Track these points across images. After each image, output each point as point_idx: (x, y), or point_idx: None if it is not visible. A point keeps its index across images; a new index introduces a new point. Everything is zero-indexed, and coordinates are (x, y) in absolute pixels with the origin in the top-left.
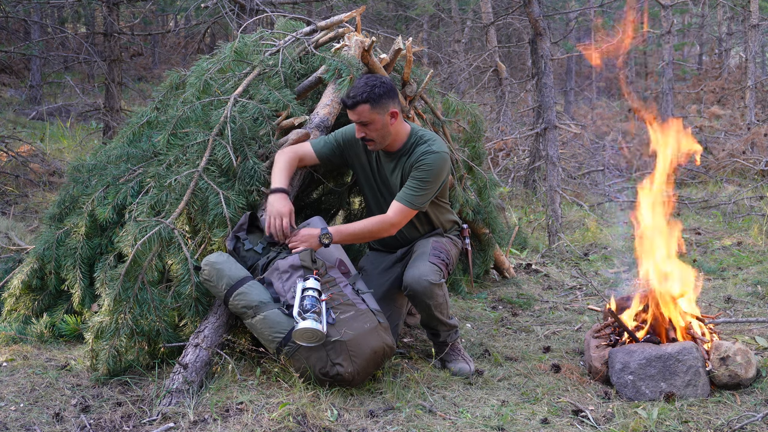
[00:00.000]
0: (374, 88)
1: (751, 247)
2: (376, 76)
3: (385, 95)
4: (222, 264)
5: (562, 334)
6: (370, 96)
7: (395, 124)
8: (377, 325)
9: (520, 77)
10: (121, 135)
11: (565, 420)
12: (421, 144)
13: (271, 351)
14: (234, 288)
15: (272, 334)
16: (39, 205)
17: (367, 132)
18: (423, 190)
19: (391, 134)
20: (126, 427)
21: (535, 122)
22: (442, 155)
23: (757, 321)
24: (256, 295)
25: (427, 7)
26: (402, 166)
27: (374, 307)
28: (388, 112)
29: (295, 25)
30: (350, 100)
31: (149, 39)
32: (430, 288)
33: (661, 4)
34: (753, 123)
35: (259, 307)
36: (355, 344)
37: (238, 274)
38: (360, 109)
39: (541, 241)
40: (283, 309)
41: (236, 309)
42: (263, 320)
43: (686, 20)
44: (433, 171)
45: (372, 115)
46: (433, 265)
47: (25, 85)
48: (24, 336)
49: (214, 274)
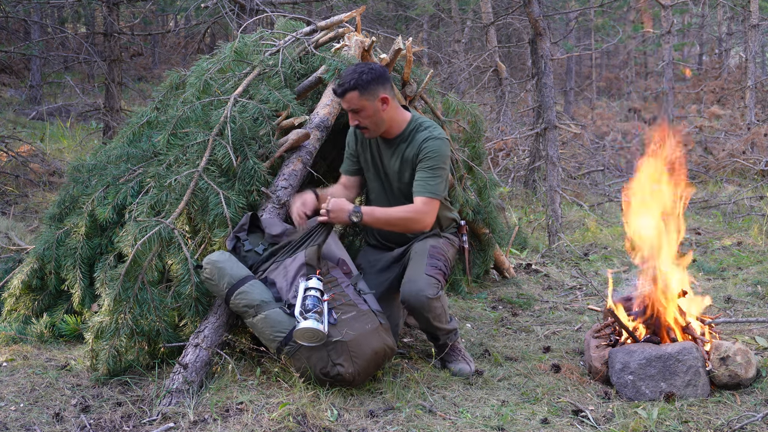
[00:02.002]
0: (362, 75)
1: (751, 247)
2: (366, 63)
3: (373, 81)
4: (223, 263)
5: (562, 334)
6: (357, 82)
7: (387, 110)
8: (378, 326)
9: (520, 77)
10: (121, 135)
11: (565, 420)
12: (420, 131)
13: (272, 350)
14: (236, 287)
15: (273, 333)
16: (39, 205)
17: (359, 119)
18: (438, 177)
19: (384, 120)
20: (126, 427)
21: (535, 122)
22: (444, 140)
23: (757, 321)
24: (257, 295)
25: (427, 7)
26: (401, 153)
27: (375, 307)
28: (378, 98)
29: (295, 25)
30: (339, 88)
31: (149, 39)
32: (428, 302)
33: (661, 4)
34: (753, 123)
35: (260, 306)
36: (356, 345)
37: (239, 273)
38: (349, 96)
39: (541, 241)
40: (284, 308)
41: (237, 308)
42: (264, 319)
43: (686, 20)
44: (441, 156)
45: (362, 102)
46: (430, 278)
47: (25, 85)
48: (24, 336)
49: (216, 272)
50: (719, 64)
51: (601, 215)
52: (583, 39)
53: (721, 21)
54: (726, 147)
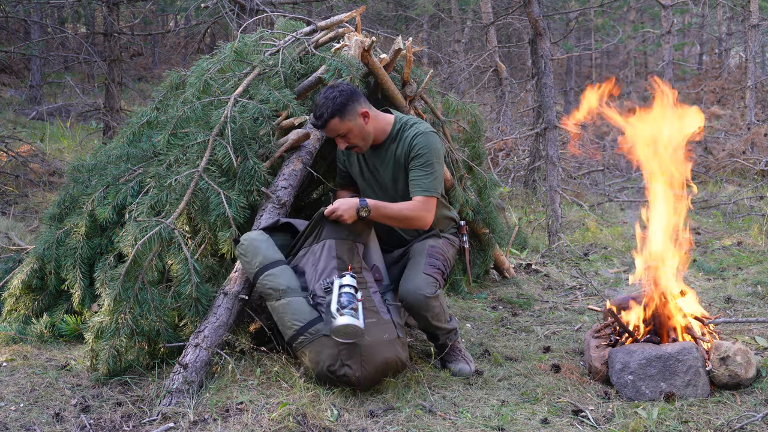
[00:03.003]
0: (335, 99)
1: (751, 247)
2: (333, 87)
3: (348, 102)
4: (261, 243)
5: (562, 334)
6: (334, 109)
7: (370, 122)
8: (396, 339)
9: (520, 77)
10: (121, 135)
11: (565, 420)
12: (407, 129)
13: (286, 338)
14: (266, 268)
15: (292, 320)
16: (39, 205)
17: (348, 141)
18: (432, 174)
19: (371, 133)
20: (126, 427)
21: (535, 122)
22: (433, 134)
23: (757, 321)
24: (285, 280)
25: (427, 7)
26: (393, 155)
27: (398, 320)
28: (359, 114)
29: (295, 25)
30: (318, 120)
31: (149, 39)
32: (426, 301)
33: (661, 4)
34: (753, 123)
35: (285, 292)
36: (369, 350)
37: (273, 256)
38: (331, 125)
39: (541, 241)
40: (309, 298)
41: (263, 288)
42: (286, 305)
43: (686, 20)
44: (432, 151)
45: (345, 125)
46: (428, 277)
47: (25, 85)
48: (24, 336)
49: (251, 250)
50: (719, 64)
51: (601, 215)
52: (583, 39)
53: (721, 21)
54: (726, 147)
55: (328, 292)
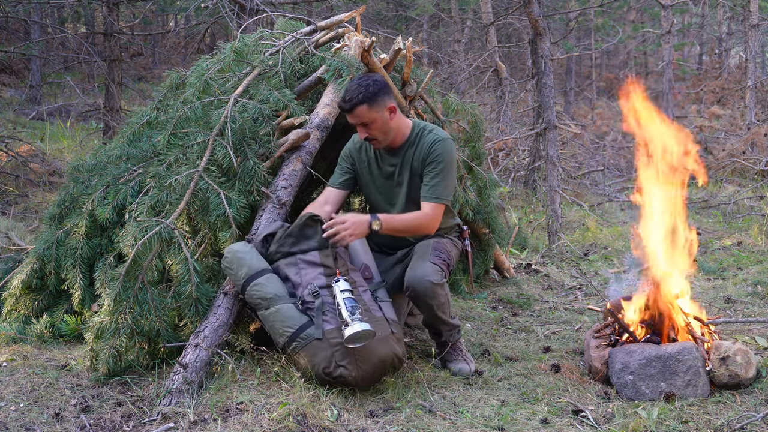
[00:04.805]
0: (368, 87)
1: (751, 247)
2: (368, 75)
3: (380, 92)
4: (244, 254)
5: (562, 334)
6: (366, 96)
7: (395, 119)
8: (389, 335)
9: (520, 77)
10: (121, 135)
11: (565, 420)
12: (426, 134)
13: (279, 345)
14: (253, 278)
15: (283, 327)
16: (39, 205)
17: (369, 132)
18: (445, 181)
19: (392, 130)
20: (126, 427)
21: (535, 122)
22: (451, 141)
23: (757, 321)
24: (272, 288)
25: (427, 7)
26: (410, 159)
27: (391, 316)
28: (386, 108)
29: (295, 25)
30: (347, 103)
31: (149, 39)
32: (432, 288)
33: (661, 4)
34: (753, 123)
35: (273, 300)
36: (362, 349)
37: (258, 265)
38: (358, 110)
39: (541, 241)
40: (297, 304)
41: (252, 299)
42: (276, 313)
43: (686, 20)
44: (449, 159)
45: (371, 114)
46: (434, 265)
47: (25, 85)
48: (24, 336)
49: (236, 262)
50: (719, 64)
51: (601, 215)
52: (583, 39)
53: (721, 21)
54: (726, 147)
55: (315, 296)
